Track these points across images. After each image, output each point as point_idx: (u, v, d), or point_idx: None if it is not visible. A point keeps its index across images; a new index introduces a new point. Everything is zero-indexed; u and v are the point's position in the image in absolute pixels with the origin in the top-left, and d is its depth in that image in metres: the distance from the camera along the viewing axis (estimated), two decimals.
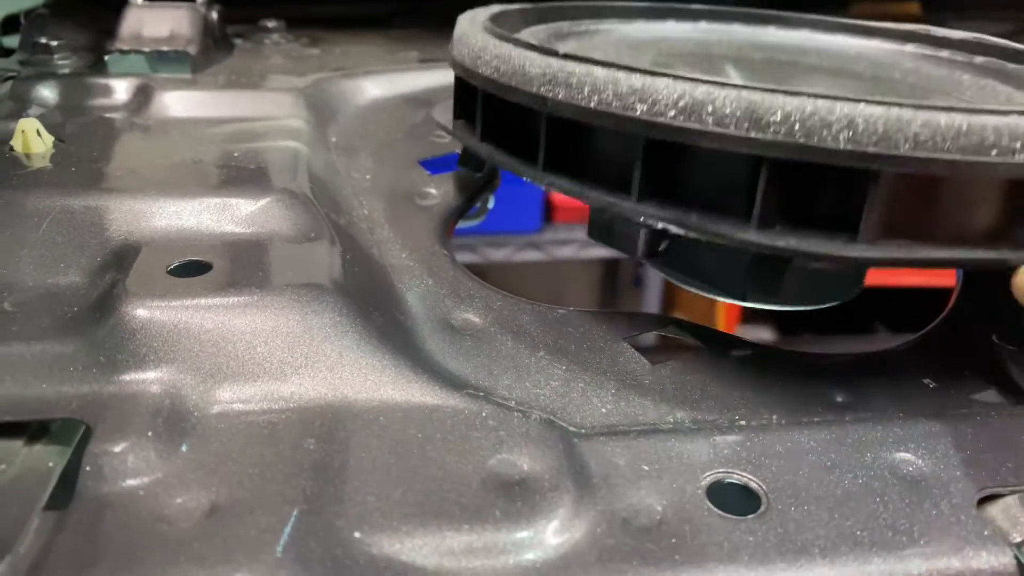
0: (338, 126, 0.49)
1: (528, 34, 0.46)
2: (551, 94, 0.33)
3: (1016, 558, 0.26)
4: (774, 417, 0.32)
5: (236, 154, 0.42)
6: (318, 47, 0.61)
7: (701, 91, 0.29)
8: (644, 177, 0.32)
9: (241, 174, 0.40)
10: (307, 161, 0.43)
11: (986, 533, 0.27)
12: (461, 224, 0.47)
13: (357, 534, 0.25)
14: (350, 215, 0.41)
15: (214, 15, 0.57)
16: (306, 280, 0.33)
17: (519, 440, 0.29)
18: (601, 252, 2.03)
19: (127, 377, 0.29)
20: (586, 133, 0.33)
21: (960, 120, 0.28)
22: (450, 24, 0.69)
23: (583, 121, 0.33)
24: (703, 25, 0.53)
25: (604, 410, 0.32)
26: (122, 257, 0.34)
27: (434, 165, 0.48)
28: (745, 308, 2.09)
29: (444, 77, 0.56)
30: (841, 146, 0.28)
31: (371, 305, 0.35)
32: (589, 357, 0.34)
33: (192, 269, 0.33)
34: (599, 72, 0.32)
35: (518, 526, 0.25)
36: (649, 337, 0.37)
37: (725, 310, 2.08)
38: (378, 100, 0.53)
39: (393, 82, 0.54)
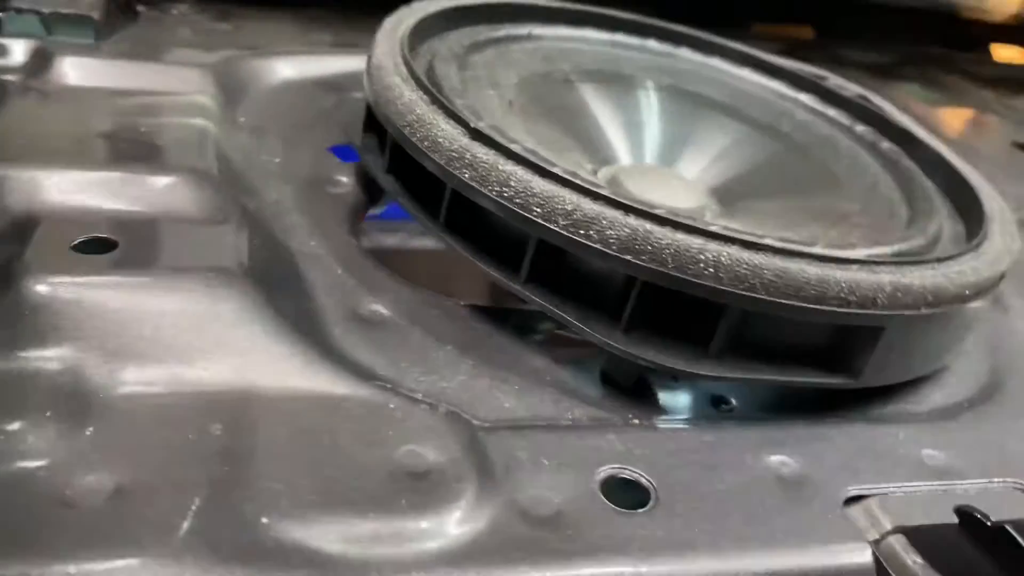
0: (247, 107, 0.49)
1: (447, 43, 0.47)
2: (457, 172, 0.35)
3: (874, 554, 0.29)
4: (664, 417, 0.34)
5: (142, 129, 0.41)
6: (228, 22, 0.60)
7: (592, 209, 0.32)
8: (532, 266, 0.35)
9: (147, 150, 0.39)
10: (215, 140, 0.42)
11: (850, 531, 0.29)
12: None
13: (264, 519, 0.25)
14: (259, 199, 0.41)
15: None
16: (215, 263, 0.33)
17: (425, 432, 0.30)
18: None
19: (26, 354, 0.28)
20: (486, 211, 0.35)
21: (810, 272, 0.32)
22: (362, 6, 0.69)
23: (483, 205, 0.35)
24: (619, 37, 0.55)
25: (507, 405, 0.33)
26: (21, 230, 0.33)
27: (346, 152, 0.48)
28: None
29: (357, 63, 0.56)
30: (704, 281, 0.31)
31: (279, 292, 0.35)
32: (495, 354, 0.36)
33: (96, 246, 0.33)
34: (505, 166, 0.34)
35: (423, 515, 0.26)
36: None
37: None
38: (290, 82, 0.52)
39: (306, 64, 0.54)
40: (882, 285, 0.32)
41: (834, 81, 0.55)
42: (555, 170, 0.34)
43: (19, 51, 0.46)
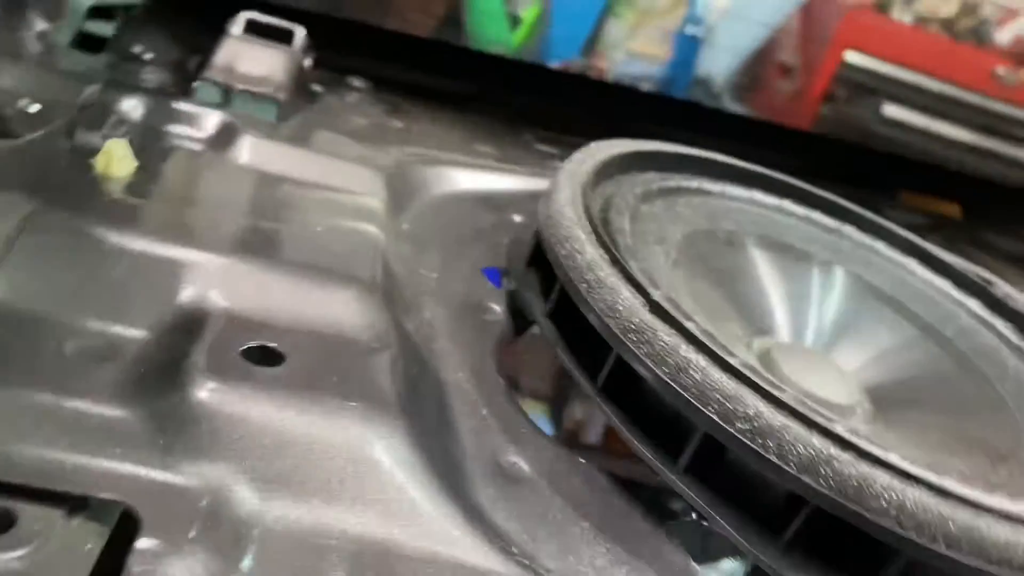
0: (411, 214, 0.49)
1: (622, 190, 0.46)
2: (633, 345, 0.34)
3: None
4: None
5: (319, 228, 0.41)
6: (399, 118, 0.61)
7: (776, 420, 0.30)
8: (693, 458, 0.33)
9: (322, 254, 0.39)
10: (383, 250, 0.42)
11: None
12: None
13: None
14: (415, 318, 0.40)
15: (308, 62, 0.57)
16: (377, 395, 0.32)
17: None
18: None
19: (185, 466, 0.28)
20: (652, 389, 0.33)
21: (999, 533, 0.29)
22: (526, 120, 0.70)
23: (651, 383, 0.33)
24: (787, 204, 0.54)
25: None
26: (194, 321, 0.33)
27: (496, 275, 0.47)
28: None
29: (519, 183, 0.57)
30: (882, 521, 0.29)
31: (428, 427, 0.34)
32: (633, 539, 0.34)
33: (265, 356, 0.33)
34: (687, 352, 0.32)
35: None
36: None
37: None
38: (454, 194, 0.53)
39: (471, 178, 0.54)
40: None
41: (1002, 289, 0.53)
42: (735, 363, 0.32)
43: (209, 123, 0.48)
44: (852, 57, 0.98)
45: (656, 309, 0.34)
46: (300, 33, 0.57)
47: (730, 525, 0.32)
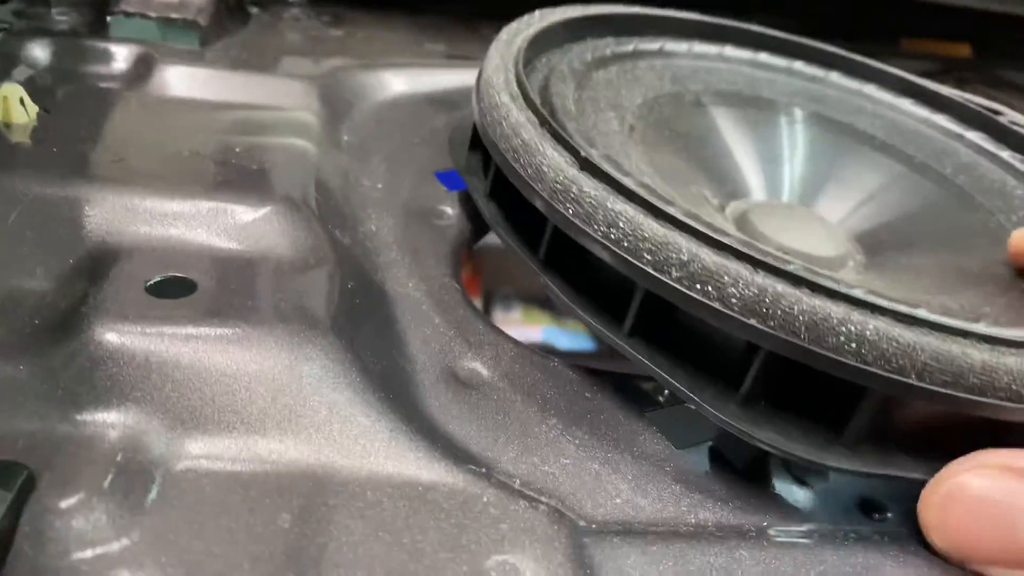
0: (352, 123, 0.45)
1: (568, 57, 0.43)
2: (560, 207, 0.31)
3: None
4: (806, 527, 0.29)
5: (238, 149, 0.38)
6: (340, 28, 0.57)
7: (712, 260, 0.27)
8: (637, 319, 0.30)
9: (241, 175, 0.36)
10: (315, 164, 0.39)
11: None
12: None
13: None
14: (356, 231, 0.37)
15: None
16: (301, 315, 0.29)
17: (522, 537, 0.25)
18: None
19: (86, 416, 0.25)
20: (590, 253, 0.31)
21: (974, 357, 0.26)
22: (482, 13, 0.65)
23: (587, 246, 0.30)
24: (763, 56, 0.49)
25: (619, 500, 0.28)
26: (98, 262, 0.31)
27: (453, 178, 0.44)
28: None
29: (472, 77, 0.52)
30: (844, 358, 0.26)
31: (370, 346, 0.31)
32: (606, 431, 0.31)
33: (174, 287, 0.30)
34: (614, 204, 0.30)
35: None
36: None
37: None
38: (399, 97, 0.49)
39: (417, 78, 0.50)
40: None
41: (1010, 116, 0.48)
42: (672, 211, 0.29)
43: (122, 57, 0.44)
44: None
45: (585, 165, 0.31)
46: None
47: (683, 384, 0.29)
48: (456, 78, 0.51)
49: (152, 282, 0.30)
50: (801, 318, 0.26)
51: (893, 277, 0.37)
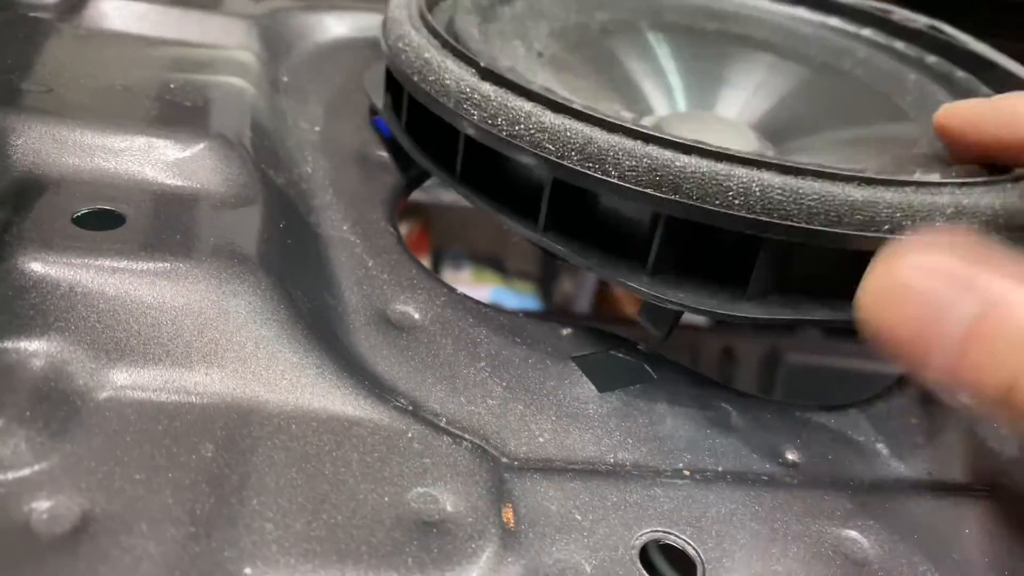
0: (291, 65, 0.45)
1: None
2: (465, 114, 0.32)
3: None
4: (719, 469, 0.30)
5: (172, 85, 0.37)
6: None
7: (606, 140, 0.29)
8: (550, 211, 0.32)
9: (174, 111, 0.36)
10: (251, 104, 0.38)
11: None
12: None
13: (248, 570, 0.22)
14: (291, 173, 0.37)
15: None
16: (230, 252, 0.29)
17: (445, 471, 0.26)
18: None
19: (8, 344, 0.25)
20: (499, 156, 0.32)
21: (856, 195, 0.28)
22: None
23: (496, 149, 0.32)
24: None
25: (542, 439, 0.29)
26: (23, 192, 0.30)
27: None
28: None
29: None
30: (735, 212, 0.28)
31: (301, 285, 0.31)
32: (533, 375, 0.32)
33: (102, 220, 0.29)
34: (515, 102, 0.31)
35: None
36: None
37: None
38: (340, 41, 0.48)
39: (361, 21, 0.50)
40: (942, 207, 0.29)
41: (901, 14, 0.50)
42: (573, 105, 0.31)
43: None
44: None
45: (486, 74, 0.32)
46: None
47: (597, 264, 0.32)
48: None
49: (79, 213, 0.29)
50: (691, 180, 0.28)
51: (800, 155, 0.39)
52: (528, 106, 0.31)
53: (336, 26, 0.49)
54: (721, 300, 0.31)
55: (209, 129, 0.34)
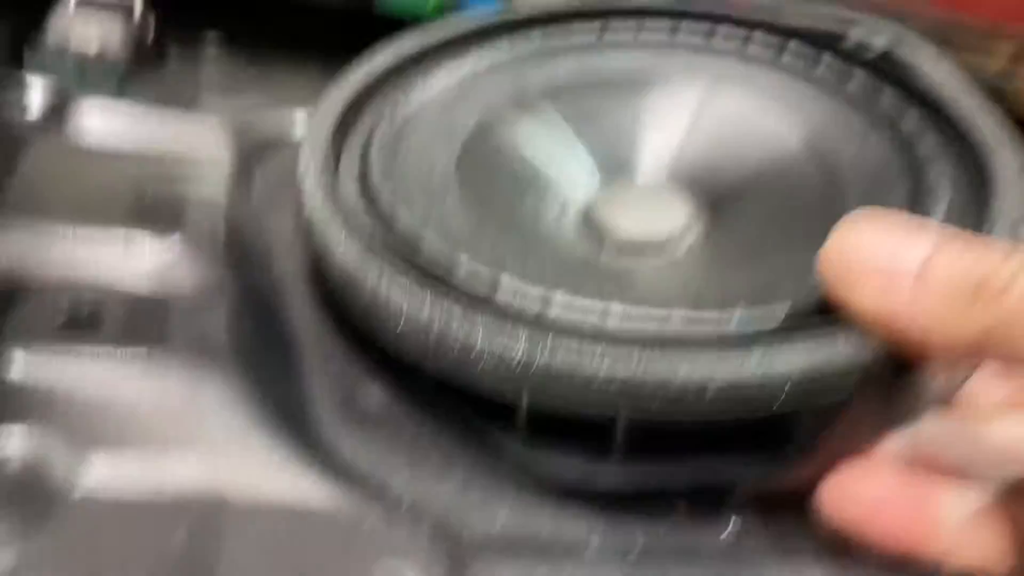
0: (265, 168, 0.47)
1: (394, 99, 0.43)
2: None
3: None
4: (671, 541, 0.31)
5: (149, 190, 0.40)
6: (257, 68, 0.59)
7: (463, 317, 0.30)
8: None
9: (152, 211, 0.38)
10: (225, 206, 0.41)
11: None
12: None
13: None
14: (261, 272, 0.39)
15: (150, 26, 0.55)
16: (202, 345, 0.31)
17: (406, 553, 0.27)
18: None
19: None
20: None
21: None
22: None
23: None
24: (613, 24, 0.48)
25: (501, 522, 0.31)
26: (6, 295, 0.32)
27: None
28: None
29: None
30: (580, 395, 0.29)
31: (271, 375, 0.33)
32: (495, 456, 0.33)
33: (82, 316, 0.31)
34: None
35: None
36: None
37: None
38: None
39: None
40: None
41: (858, 32, 0.45)
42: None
43: (37, 96, 0.45)
44: None
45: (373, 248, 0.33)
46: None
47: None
48: None
49: (61, 310, 0.31)
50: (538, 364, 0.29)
51: (720, 240, 0.38)
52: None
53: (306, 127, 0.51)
54: (585, 469, 0.32)
55: (184, 231, 0.37)
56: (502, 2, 0.50)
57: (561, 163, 0.43)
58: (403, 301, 0.31)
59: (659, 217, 0.40)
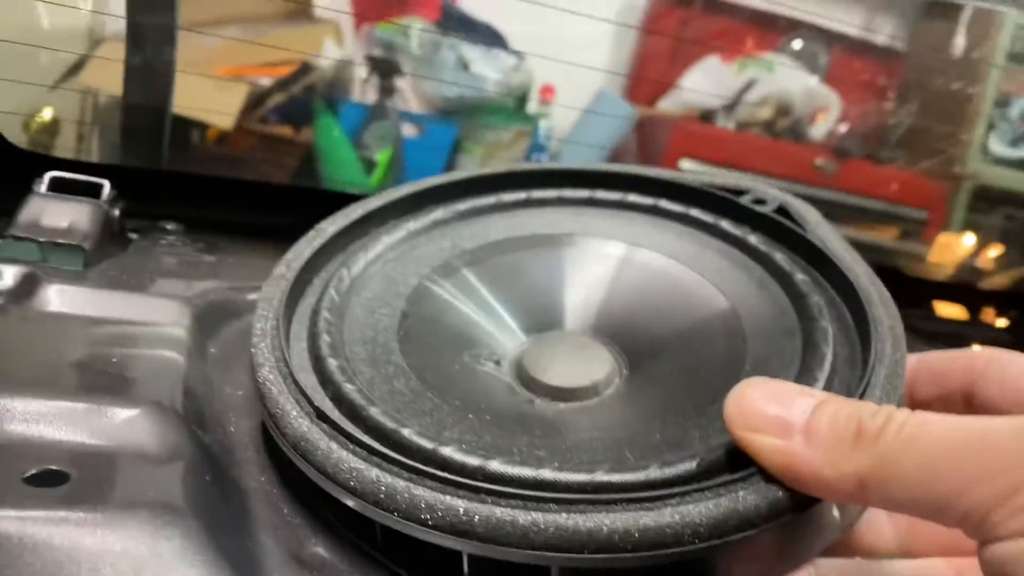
0: (219, 338, 0.51)
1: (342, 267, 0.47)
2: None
3: None
4: None
5: (114, 359, 0.43)
6: (213, 254, 0.64)
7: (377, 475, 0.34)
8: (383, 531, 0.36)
9: (114, 381, 0.41)
10: (182, 373, 0.44)
11: None
12: None
13: None
14: (216, 431, 0.42)
15: (116, 212, 0.60)
16: (162, 502, 0.34)
17: None
18: None
19: None
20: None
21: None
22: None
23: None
24: (535, 194, 0.53)
25: None
26: None
27: None
28: None
29: None
30: (518, 547, 0.32)
31: (224, 532, 0.35)
32: None
33: (48, 478, 0.34)
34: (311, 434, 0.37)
35: None
36: None
37: None
38: None
39: None
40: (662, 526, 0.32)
41: (752, 195, 0.50)
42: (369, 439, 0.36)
43: (8, 276, 0.49)
44: (686, 165, 1.08)
45: (321, 417, 0.37)
46: (107, 186, 0.59)
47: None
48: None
49: (28, 474, 0.34)
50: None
51: (639, 391, 0.42)
52: (337, 453, 0.36)
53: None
54: None
55: (145, 396, 0.40)
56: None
57: (491, 321, 0.48)
58: (351, 464, 0.35)
59: (584, 367, 0.44)
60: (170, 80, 0.76)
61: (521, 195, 0.54)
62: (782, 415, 0.31)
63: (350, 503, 0.35)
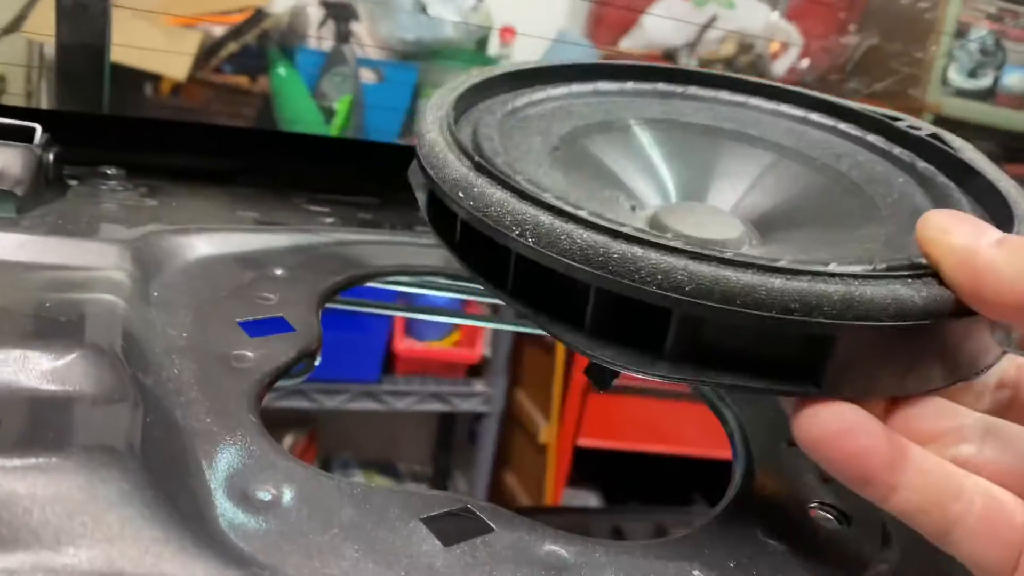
0: (162, 282, 0.50)
1: (500, 102, 0.50)
2: (458, 198, 0.39)
3: None
4: None
5: (48, 304, 0.41)
6: (156, 198, 0.62)
7: (554, 224, 0.36)
8: (514, 280, 0.39)
9: (50, 326, 0.40)
10: (123, 316, 0.43)
11: None
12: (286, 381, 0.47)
13: None
14: (159, 375, 0.41)
15: (50, 157, 0.57)
16: (100, 445, 0.33)
17: None
18: (437, 406, 2.04)
19: None
20: (487, 238, 0.39)
21: (742, 279, 0.34)
22: (294, 185, 0.72)
23: (473, 225, 0.39)
24: (692, 89, 0.56)
25: None
26: None
27: (255, 326, 0.48)
28: (573, 473, 2.13)
29: (279, 240, 0.58)
30: (651, 288, 0.34)
31: (166, 473, 0.34)
32: (383, 535, 0.35)
33: None
34: (493, 192, 0.38)
35: None
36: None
37: (554, 473, 2.11)
38: (208, 258, 0.53)
39: (225, 241, 0.55)
40: (828, 294, 0.33)
41: (907, 122, 0.54)
42: (539, 196, 0.37)
43: None
44: None
45: (481, 168, 0.39)
46: (38, 130, 0.57)
47: (548, 326, 0.38)
48: (263, 240, 0.57)
49: None
50: (613, 258, 0.34)
51: (774, 247, 0.44)
52: (499, 193, 0.38)
53: (204, 245, 0.54)
54: (642, 360, 0.36)
55: (82, 340, 0.38)
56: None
57: (640, 175, 0.51)
58: (509, 204, 0.37)
59: (719, 226, 0.47)
60: (106, 20, 0.73)
61: (677, 88, 0.57)
62: (977, 225, 0.34)
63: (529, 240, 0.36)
